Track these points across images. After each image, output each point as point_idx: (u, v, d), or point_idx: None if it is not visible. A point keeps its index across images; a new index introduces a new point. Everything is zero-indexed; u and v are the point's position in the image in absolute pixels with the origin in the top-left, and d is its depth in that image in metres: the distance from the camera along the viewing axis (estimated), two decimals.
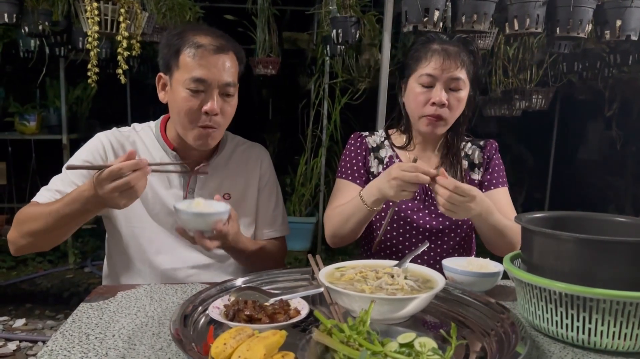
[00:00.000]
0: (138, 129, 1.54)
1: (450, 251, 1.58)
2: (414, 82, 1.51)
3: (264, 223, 1.62)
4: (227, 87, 1.39)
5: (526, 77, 3.55)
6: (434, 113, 1.48)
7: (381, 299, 1.01)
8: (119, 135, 1.49)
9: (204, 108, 1.36)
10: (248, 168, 1.60)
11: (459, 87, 1.48)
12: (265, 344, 0.83)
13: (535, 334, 1.08)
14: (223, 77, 1.37)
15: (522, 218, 1.15)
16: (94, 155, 1.45)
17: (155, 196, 1.48)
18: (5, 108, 4.65)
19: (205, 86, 1.36)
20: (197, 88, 1.35)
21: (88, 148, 1.46)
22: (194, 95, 1.36)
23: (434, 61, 1.47)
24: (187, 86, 1.35)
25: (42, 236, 1.32)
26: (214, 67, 1.36)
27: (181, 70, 1.37)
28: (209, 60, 1.35)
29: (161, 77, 1.45)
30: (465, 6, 2.05)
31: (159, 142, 1.50)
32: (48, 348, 0.96)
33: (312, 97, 4.27)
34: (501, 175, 1.63)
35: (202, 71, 1.35)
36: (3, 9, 2.46)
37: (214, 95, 1.37)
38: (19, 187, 4.92)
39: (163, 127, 1.53)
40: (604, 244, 0.99)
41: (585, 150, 5.38)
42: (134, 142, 1.50)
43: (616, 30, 2.09)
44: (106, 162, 1.43)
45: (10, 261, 4.26)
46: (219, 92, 1.38)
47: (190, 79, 1.35)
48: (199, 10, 3.32)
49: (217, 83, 1.37)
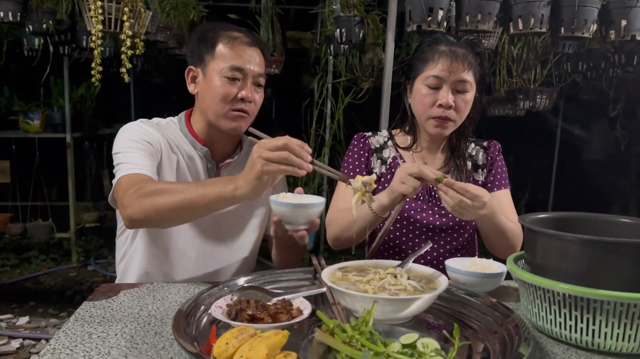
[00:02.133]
0: (162, 124, 1.53)
1: (453, 252, 1.58)
2: (420, 83, 1.51)
3: None
4: (259, 77, 1.47)
5: (530, 76, 3.54)
6: (441, 115, 1.47)
7: (384, 300, 1.00)
8: (152, 125, 1.48)
9: (240, 94, 1.43)
10: None
11: (465, 89, 1.47)
12: (267, 344, 0.83)
13: (539, 336, 1.08)
14: (256, 67, 1.46)
15: (526, 218, 1.15)
16: (147, 135, 1.41)
17: None
18: (9, 107, 4.67)
19: (242, 74, 1.44)
20: (234, 76, 1.43)
21: (137, 132, 1.41)
22: (231, 82, 1.43)
23: (441, 63, 1.46)
24: (224, 74, 1.42)
25: (178, 212, 1.23)
26: (249, 57, 1.45)
27: (217, 59, 1.44)
28: (244, 51, 1.45)
29: (192, 69, 1.50)
30: (470, 6, 2.04)
31: (186, 137, 1.51)
32: (51, 346, 0.96)
33: (315, 96, 4.26)
34: (504, 177, 1.63)
35: (239, 60, 1.43)
36: (7, 8, 2.47)
37: (248, 83, 1.45)
38: (23, 186, 4.94)
39: (188, 122, 1.53)
40: (608, 245, 0.99)
41: (589, 150, 5.36)
42: (165, 134, 1.48)
43: (621, 30, 2.08)
44: (157, 144, 1.42)
45: (14, 259, 4.28)
46: (252, 81, 1.46)
47: (228, 67, 1.42)
48: (203, 10, 3.33)
49: (252, 73, 1.45)
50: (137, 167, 1.34)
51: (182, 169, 1.49)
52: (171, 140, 1.49)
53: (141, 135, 1.42)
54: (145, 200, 1.22)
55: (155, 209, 1.22)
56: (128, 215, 1.25)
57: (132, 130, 1.44)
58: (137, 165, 1.34)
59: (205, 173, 1.51)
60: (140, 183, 1.27)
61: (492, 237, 1.46)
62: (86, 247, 4.60)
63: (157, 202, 1.21)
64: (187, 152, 1.50)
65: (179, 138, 1.51)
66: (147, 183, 1.27)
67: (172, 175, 1.46)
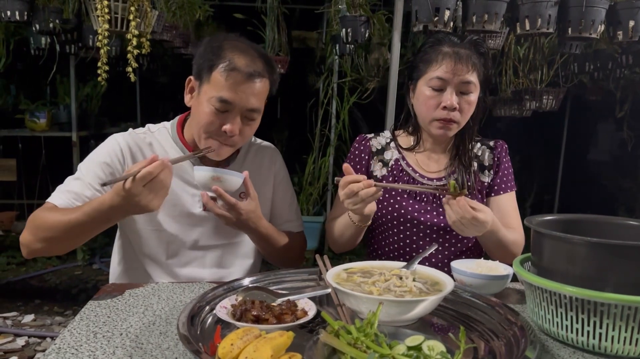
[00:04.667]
0: (153, 130, 1.52)
1: (458, 254, 1.57)
2: (423, 84, 1.50)
3: (282, 218, 1.63)
4: (251, 112, 1.39)
5: (537, 77, 3.53)
6: (445, 117, 1.47)
7: (389, 302, 1.00)
8: (135, 137, 1.48)
9: (223, 127, 1.37)
10: (262, 168, 1.61)
11: (469, 90, 1.46)
12: (272, 345, 0.83)
13: (545, 339, 1.07)
14: (250, 102, 1.37)
15: (532, 220, 1.14)
16: (111, 157, 1.43)
17: (175, 197, 1.47)
18: (15, 106, 4.69)
19: (230, 108, 1.36)
20: (221, 108, 1.35)
21: (105, 150, 1.44)
22: (216, 113, 1.36)
23: (445, 64, 1.45)
24: (212, 103, 1.35)
25: (58, 243, 1.31)
26: (242, 92, 1.35)
27: (211, 85, 1.36)
28: (239, 85, 1.35)
29: (191, 80, 1.44)
30: (476, 6, 2.03)
31: (176, 144, 1.50)
32: (56, 345, 0.96)
33: (321, 96, 4.26)
34: (510, 179, 1.62)
35: (229, 94, 1.34)
36: (14, 7, 2.49)
37: (236, 117, 1.37)
38: (29, 184, 4.96)
39: (180, 128, 1.52)
40: (615, 248, 0.98)
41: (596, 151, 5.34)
42: (151, 143, 1.49)
43: (629, 30, 2.07)
44: (124, 164, 1.43)
45: (19, 257, 4.29)
46: (242, 115, 1.38)
47: (217, 98, 1.35)
48: (209, 9, 3.33)
49: (243, 108, 1.37)
50: (59, 196, 1.38)
51: None
52: (160, 147, 1.49)
53: (103, 157, 1.42)
54: (33, 230, 1.32)
55: (36, 236, 1.31)
56: (21, 244, 1.35)
57: (100, 150, 1.45)
58: (60, 194, 1.38)
59: None
60: (38, 213, 1.34)
61: (492, 249, 1.48)
62: (91, 245, 4.61)
63: (40, 235, 1.31)
64: None
65: (167, 145, 1.50)
66: (39, 214, 1.33)
67: None
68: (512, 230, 1.53)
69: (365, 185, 1.27)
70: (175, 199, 1.47)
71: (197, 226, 1.50)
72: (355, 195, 1.28)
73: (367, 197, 1.28)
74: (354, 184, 1.28)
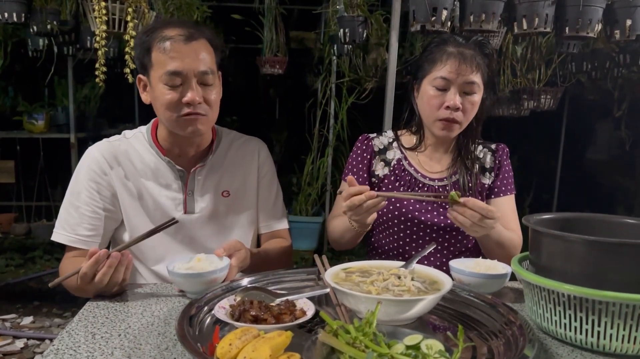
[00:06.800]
0: (129, 136, 1.51)
1: (457, 254, 1.57)
2: (427, 84, 1.50)
3: (266, 214, 1.62)
4: (204, 75, 1.35)
5: (534, 76, 3.53)
6: (449, 117, 1.47)
7: (388, 301, 1.00)
8: (110, 146, 1.47)
9: (184, 99, 1.34)
10: (245, 162, 1.59)
11: (473, 90, 1.47)
12: (270, 345, 0.83)
13: (543, 337, 1.07)
14: (198, 66, 1.34)
15: (530, 219, 1.14)
16: (95, 173, 1.43)
17: (156, 203, 1.47)
18: (13, 107, 4.69)
19: (183, 78, 1.33)
20: (173, 82, 1.33)
21: (86, 169, 1.44)
22: (172, 89, 1.33)
23: (449, 64, 1.45)
24: (164, 81, 1.33)
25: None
26: (186, 57, 1.32)
27: (155, 67, 1.34)
28: (180, 51, 1.32)
29: (140, 78, 1.42)
30: (474, 5, 2.03)
31: (151, 148, 1.48)
32: (54, 346, 0.96)
33: (319, 96, 4.26)
34: (510, 182, 1.63)
35: (175, 63, 1.32)
36: (12, 9, 2.48)
37: (192, 84, 1.34)
38: (27, 186, 4.95)
39: (154, 131, 1.50)
40: (613, 246, 0.98)
41: (594, 150, 5.34)
42: (126, 150, 1.47)
43: (626, 30, 2.07)
44: (108, 176, 1.44)
45: (18, 259, 4.29)
46: (197, 81, 1.35)
47: (166, 73, 1.32)
48: (207, 10, 3.32)
49: (194, 72, 1.33)
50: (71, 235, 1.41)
51: (145, 185, 1.46)
52: (136, 153, 1.48)
53: (86, 176, 1.43)
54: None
55: None
56: None
57: (80, 170, 1.45)
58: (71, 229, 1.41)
59: (177, 180, 1.48)
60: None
61: (491, 248, 1.48)
62: None
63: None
64: (153, 163, 1.47)
65: (143, 150, 1.48)
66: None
67: (134, 194, 1.46)
68: (511, 231, 1.53)
69: (367, 196, 1.27)
70: (155, 205, 1.47)
71: (181, 230, 1.48)
72: (359, 207, 1.28)
73: (369, 209, 1.29)
74: (356, 197, 1.28)
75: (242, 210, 1.57)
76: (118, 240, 1.51)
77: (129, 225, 1.46)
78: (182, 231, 1.49)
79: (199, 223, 1.50)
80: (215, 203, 1.52)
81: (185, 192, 1.49)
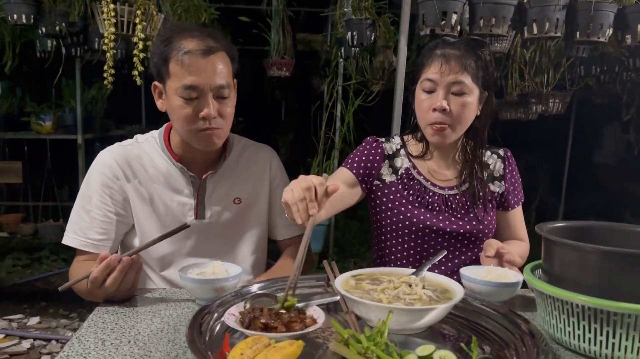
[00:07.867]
0: (141, 140, 1.50)
1: (468, 262, 1.52)
2: (418, 88, 1.49)
3: (282, 223, 1.61)
4: (220, 89, 1.35)
5: (543, 80, 3.51)
6: (437, 121, 1.44)
7: (399, 310, 0.99)
8: (122, 151, 1.46)
9: (200, 114, 1.34)
10: (257, 171, 1.58)
11: (462, 91, 1.43)
12: (282, 354, 0.83)
13: (557, 348, 1.06)
14: (215, 80, 1.34)
15: (543, 227, 1.13)
16: (107, 177, 1.43)
17: (167, 209, 1.47)
18: (21, 108, 4.71)
19: (198, 92, 1.33)
20: (189, 95, 1.33)
21: (98, 173, 1.43)
22: (188, 102, 1.33)
23: (433, 66, 1.44)
24: (180, 94, 1.33)
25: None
26: (203, 71, 1.32)
27: (172, 78, 1.34)
28: (198, 66, 1.32)
29: (156, 85, 1.42)
30: (484, 10, 2.02)
31: (164, 153, 1.47)
32: (64, 353, 0.96)
33: (326, 98, 4.25)
34: (520, 191, 1.62)
35: (192, 78, 1.31)
36: (21, 10, 2.49)
37: (208, 99, 1.34)
38: (34, 186, 4.98)
39: (166, 136, 1.49)
40: (628, 256, 0.97)
41: (602, 154, 5.31)
42: (138, 155, 1.47)
43: (637, 34, 2.06)
44: (120, 181, 1.44)
45: (25, 259, 4.31)
46: (213, 95, 1.35)
47: (182, 87, 1.32)
48: (214, 12, 3.33)
49: (210, 87, 1.33)
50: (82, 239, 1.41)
51: (157, 190, 1.46)
52: (149, 158, 1.47)
53: (100, 177, 1.43)
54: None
55: None
56: None
57: (93, 174, 1.44)
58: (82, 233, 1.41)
59: (188, 186, 1.48)
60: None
61: None
62: None
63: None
64: (165, 168, 1.47)
65: (156, 155, 1.48)
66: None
67: (145, 199, 1.46)
68: (521, 242, 1.52)
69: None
70: (166, 210, 1.47)
71: (191, 236, 1.48)
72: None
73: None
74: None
75: (252, 218, 1.57)
76: (127, 245, 1.50)
77: (140, 229, 1.46)
78: (192, 237, 1.49)
79: (209, 229, 1.50)
80: (226, 210, 1.52)
81: (197, 198, 1.48)
